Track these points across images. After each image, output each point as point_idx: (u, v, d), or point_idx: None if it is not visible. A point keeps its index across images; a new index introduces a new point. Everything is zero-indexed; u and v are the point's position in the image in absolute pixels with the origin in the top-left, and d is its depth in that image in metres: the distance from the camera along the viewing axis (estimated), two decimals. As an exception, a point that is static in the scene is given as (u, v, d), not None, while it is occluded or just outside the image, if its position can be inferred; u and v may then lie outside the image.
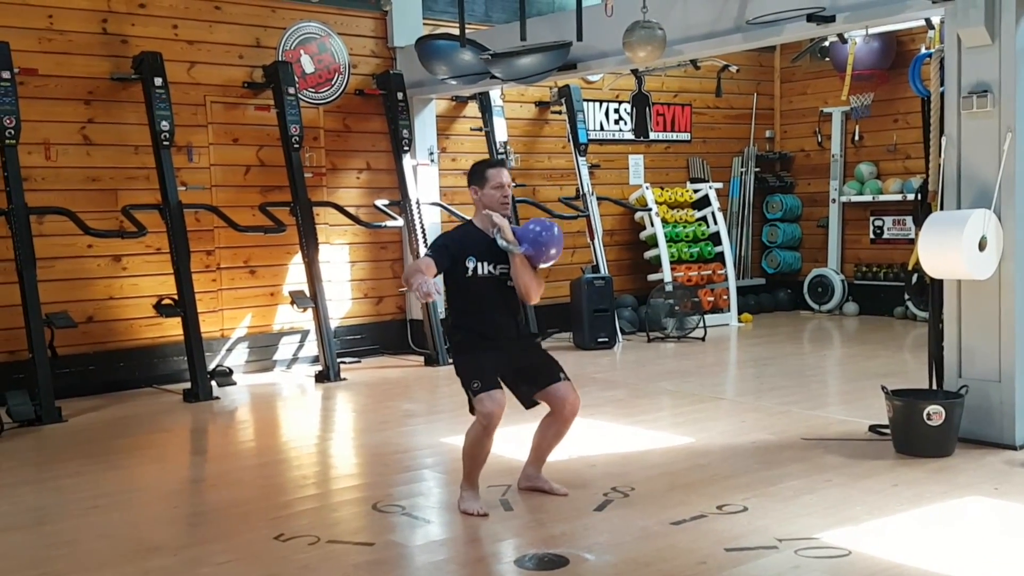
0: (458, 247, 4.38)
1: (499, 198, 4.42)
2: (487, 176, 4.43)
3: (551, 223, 4.53)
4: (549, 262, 4.49)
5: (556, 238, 4.46)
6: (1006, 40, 5.12)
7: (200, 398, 7.21)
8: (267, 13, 8.41)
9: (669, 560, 3.78)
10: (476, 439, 4.30)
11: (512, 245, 4.34)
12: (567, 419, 4.48)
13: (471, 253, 4.37)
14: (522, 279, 4.37)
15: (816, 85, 11.63)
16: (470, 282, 4.38)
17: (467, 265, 4.36)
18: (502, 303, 4.44)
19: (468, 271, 4.36)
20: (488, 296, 4.40)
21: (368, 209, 8.80)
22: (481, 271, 4.37)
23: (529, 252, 4.38)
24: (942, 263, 5.21)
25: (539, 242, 4.40)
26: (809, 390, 7.29)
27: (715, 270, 10.69)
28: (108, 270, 7.64)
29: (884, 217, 11.05)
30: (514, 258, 4.35)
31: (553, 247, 4.45)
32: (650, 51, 6.70)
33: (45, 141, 7.33)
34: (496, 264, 4.39)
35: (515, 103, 9.96)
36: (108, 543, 4.18)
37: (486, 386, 4.23)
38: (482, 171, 4.47)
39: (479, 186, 4.45)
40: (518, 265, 4.36)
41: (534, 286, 4.40)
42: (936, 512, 4.30)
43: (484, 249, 4.38)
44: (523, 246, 4.37)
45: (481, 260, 4.37)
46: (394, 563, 3.94)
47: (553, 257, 4.48)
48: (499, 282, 4.41)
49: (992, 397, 5.24)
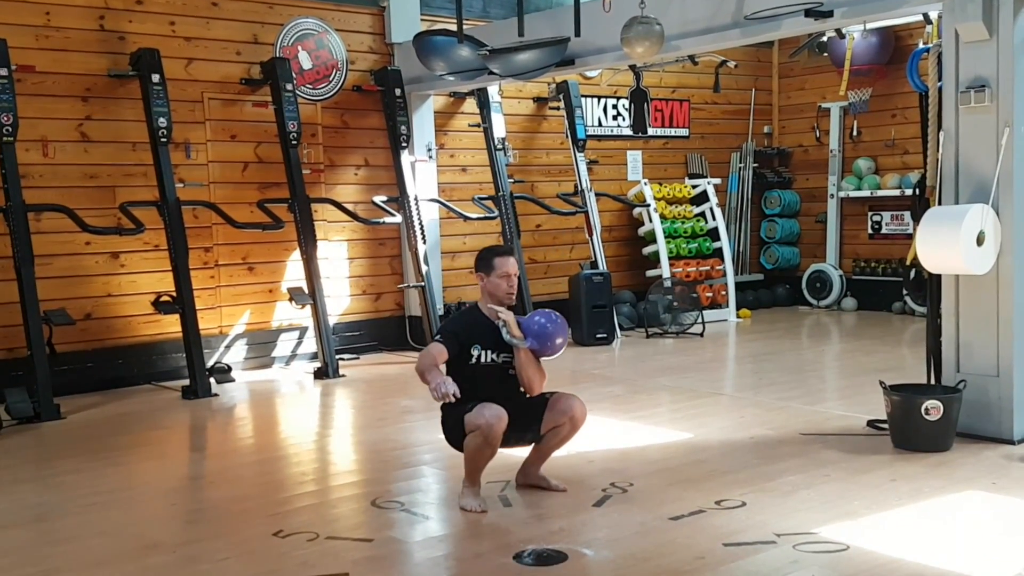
0: (466, 335, 4.39)
1: (505, 288, 4.43)
2: (494, 265, 4.44)
3: (555, 315, 4.53)
4: (554, 354, 4.49)
5: (561, 330, 4.47)
6: (1004, 35, 5.12)
7: (199, 395, 7.21)
8: (264, 9, 8.40)
9: (667, 555, 3.78)
10: (476, 447, 4.27)
11: (518, 340, 4.36)
12: (576, 425, 4.46)
13: (477, 341, 4.39)
14: (526, 372, 4.39)
15: (814, 80, 11.62)
16: (473, 369, 4.40)
17: (472, 353, 4.38)
18: (501, 390, 4.42)
19: (472, 358, 4.39)
20: (489, 383, 4.41)
21: (366, 205, 8.80)
22: (484, 359, 4.40)
23: (534, 346, 4.41)
24: (940, 258, 5.21)
25: (544, 335, 4.42)
26: (807, 385, 7.29)
27: (713, 266, 10.68)
28: (106, 267, 7.64)
29: (882, 212, 11.05)
30: (519, 352, 4.37)
31: (559, 338, 4.46)
32: (648, 47, 6.70)
33: (43, 138, 7.32)
34: (499, 353, 4.41)
35: (513, 99, 9.95)
36: (107, 540, 4.18)
37: (478, 403, 4.21)
38: (490, 259, 4.48)
39: (486, 273, 4.45)
40: (523, 359, 4.38)
41: (537, 379, 4.43)
42: (934, 507, 4.30)
43: (489, 337, 4.40)
44: (528, 340, 4.38)
45: (486, 349, 4.39)
46: (393, 559, 3.94)
47: (558, 348, 4.48)
48: (501, 370, 4.44)
49: (990, 392, 5.25)
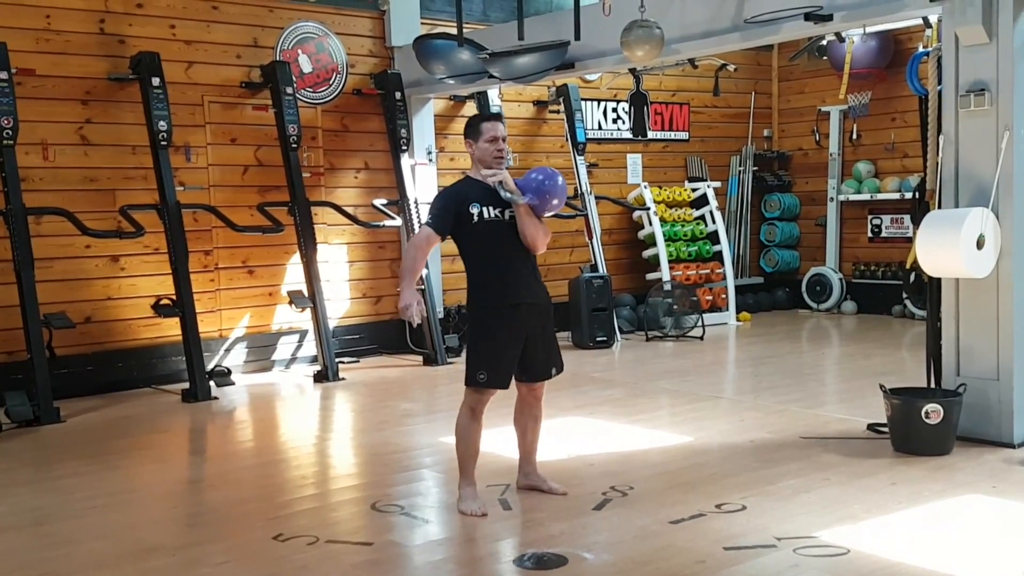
0: (458, 199, 4.37)
1: (493, 151, 4.40)
2: (481, 130, 4.42)
3: (553, 171, 4.51)
4: (553, 211, 4.49)
5: (559, 187, 4.45)
6: (1003, 38, 5.12)
7: (198, 398, 7.20)
8: (265, 13, 8.40)
9: (668, 559, 3.78)
10: (465, 426, 4.36)
11: (516, 195, 4.33)
12: (536, 400, 4.55)
13: (474, 200, 4.35)
14: (528, 229, 4.35)
15: (814, 84, 11.63)
16: (478, 230, 4.34)
17: (471, 211, 4.33)
18: (516, 250, 4.39)
19: (473, 217, 4.33)
20: (500, 242, 4.36)
21: (366, 209, 8.81)
22: (487, 215, 4.35)
23: (533, 201, 4.37)
24: (940, 261, 5.21)
25: (542, 191, 4.39)
26: (807, 389, 7.29)
27: (713, 269, 10.69)
28: (106, 270, 7.64)
29: (882, 216, 11.05)
30: (519, 208, 4.34)
31: (557, 196, 4.44)
32: (648, 50, 6.70)
33: (43, 141, 7.32)
34: (503, 209, 4.37)
35: (513, 102, 9.96)
36: (107, 543, 4.18)
37: (490, 382, 4.28)
38: (476, 125, 4.46)
39: (473, 139, 4.44)
40: (523, 215, 4.35)
41: (540, 235, 4.40)
42: (934, 510, 4.30)
43: (486, 196, 4.36)
44: (527, 196, 4.36)
45: (485, 205, 4.35)
46: (393, 563, 3.94)
47: (556, 207, 4.48)
48: (509, 227, 4.37)
49: (990, 395, 5.24)
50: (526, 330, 4.38)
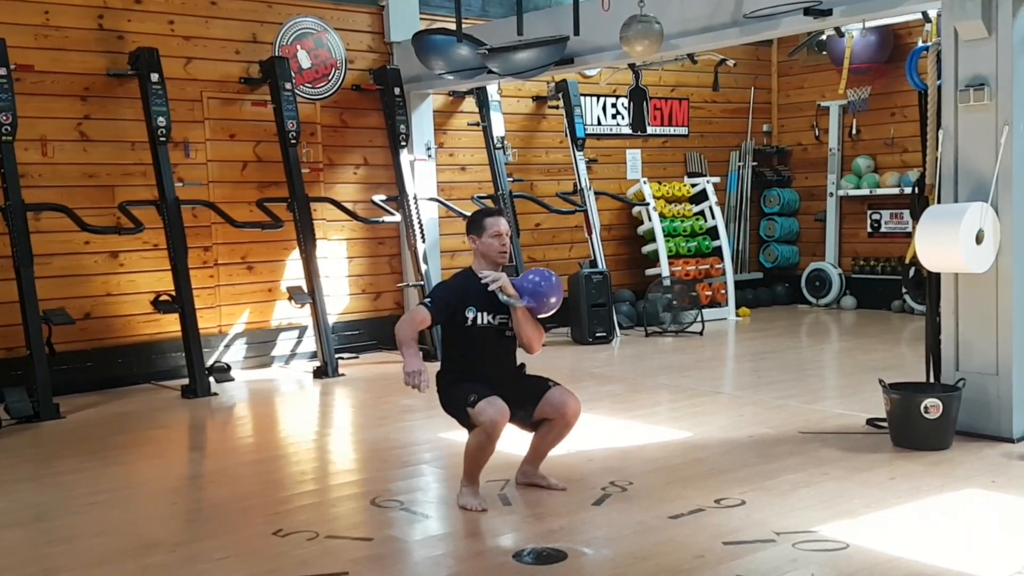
0: (458, 298, 4.38)
1: (497, 247, 4.41)
2: (485, 225, 4.43)
3: (548, 272, 4.54)
4: (550, 311, 4.49)
5: (555, 287, 4.47)
6: (1003, 33, 5.11)
7: (198, 394, 7.21)
8: (263, 8, 8.39)
9: (667, 554, 3.78)
10: (479, 445, 4.29)
11: (514, 299, 4.36)
12: (569, 422, 4.47)
13: (471, 303, 4.37)
14: (525, 332, 4.39)
15: (813, 79, 11.62)
16: (468, 331, 4.38)
17: (467, 315, 4.36)
18: (499, 352, 4.44)
19: (468, 321, 4.37)
20: (486, 345, 4.41)
21: (365, 205, 8.80)
22: (480, 321, 4.38)
23: (531, 304, 4.40)
24: (939, 256, 5.21)
25: (539, 293, 4.41)
26: (807, 384, 7.29)
27: (713, 264, 10.69)
28: (105, 266, 7.64)
29: (881, 211, 11.05)
30: (515, 311, 4.37)
31: (553, 296, 4.46)
32: (647, 45, 6.70)
33: (42, 137, 7.32)
34: (495, 314, 4.40)
35: (512, 98, 9.95)
36: (107, 539, 4.18)
37: (482, 395, 4.23)
38: (480, 220, 4.47)
39: (477, 235, 4.44)
40: (520, 318, 4.37)
41: (536, 337, 4.43)
42: (934, 505, 4.30)
43: (484, 299, 4.38)
44: (524, 299, 4.38)
45: (481, 310, 4.37)
46: (393, 558, 3.94)
47: (554, 306, 4.48)
48: (498, 332, 4.42)
49: (989, 390, 5.25)
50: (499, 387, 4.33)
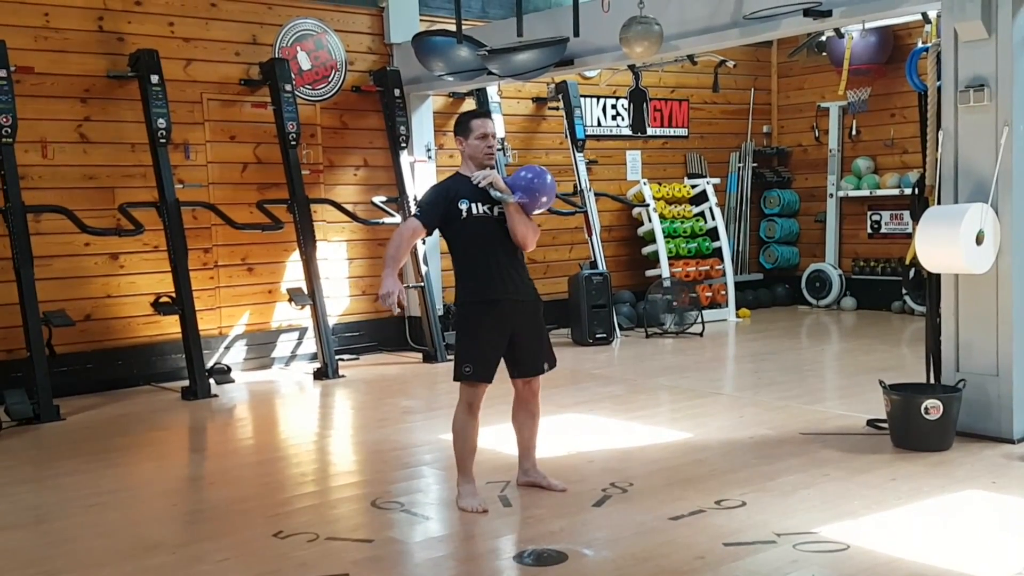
0: (447, 195, 4.39)
1: (484, 148, 4.41)
2: (471, 127, 4.43)
3: (542, 169, 4.53)
4: (542, 208, 4.50)
5: (548, 185, 4.46)
6: (1003, 34, 5.12)
7: (198, 396, 7.20)
8: (263, 10, 8.40)
9: (667, 555, 3.78)
10: (462, 422, 4.37)
11: (505, 194, 4.35)
12: (532, 396, 4.54)
13: (463, 196, 4.36)
14: (518, 227, 4.37)
15: (813, 80, 11.63)
16: (467, 225, 4.36)
17: (460, 207, 4.35)
18: (503, 247, 4.40)
19: (462, 213, 4.35)
20: (488, 239, 4.38)
21: (366, 206, 8.80)
22: (476, 211, 4.36)
23: (523, 200, 4.39)
24: (940, 257, 5.21)
25: (532, 189, 4.41)
26: (807, 385, 7.29)
27: (713, 265, 10.69)
28: (106, 268, 7.64)
29: (881, 212, 11.05)
30: (508, 207, 4.36)
31: (546, 193, 4.45)
32: (647, 46, 6.70)
33: (42, 139, 7.32)
34: (492, 206, 4.38)
35: (512, 99, 9.95)
36: (107, 541, 4.18)
37: (476, 375, 4.28)
38: (467, 122, 4.47)
39: (464, 137, 4.45)
40: (513, 214, 4.36)
41: (530, 232, 4.42)
42: (934, 506, 4.30)
43: (476, 192, 4.38)
44: (516, 194, 4.37)
45: (474, 201, 4.37)
46: (393, 560, 3.94)
47: (546, 204, 4.49)
48: (497, 224, 4.39)
49: (990, 391, 5.25)
50: (511, 326, 4.39)
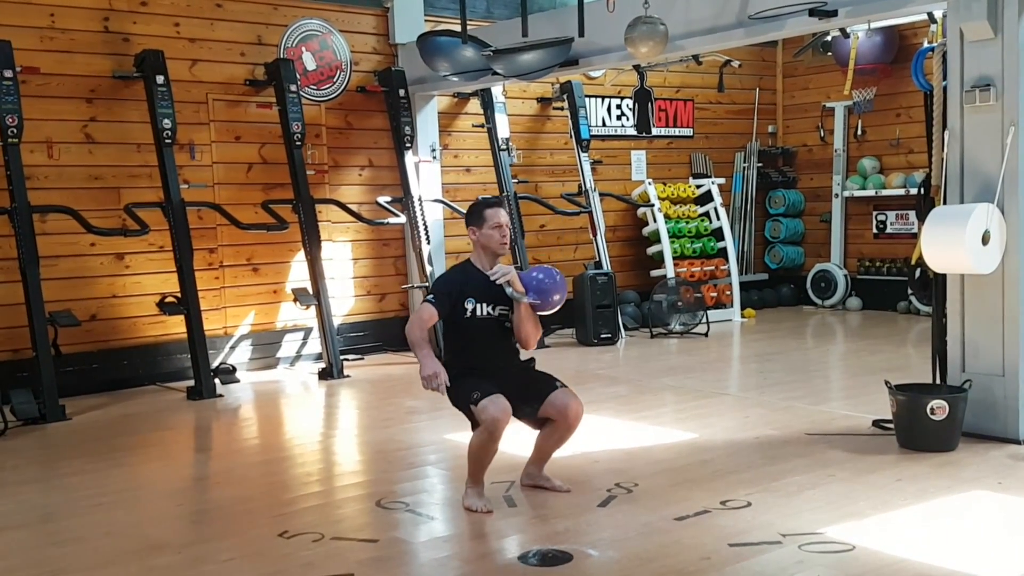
0: (457, 290, 4.39)
1: (498, 238, 4.42)
2: (485, 216, 4.43)
3: (554, 271, 4.56)
4: (553, 309, 4.51)
5: (560, 285, 4.49)
6: (1008, 34, 5.11)
7: (203, 396, 7.21)
8: (269, 10, 8.40)
9: (673, 556, 3.78)
10: (481, 444, 4.29)
11: (520, 295, 4.37)
12: (571, 425, 4.46)
13: (470, 295, 4.38)
14: (525, 327, 4.40)
15: (818, 80, 11.61)
16: (468, 323, 4.39)
17: (466, 307, 4.37)
18: (499, 343, 4.45)
19: (467, 312, 4.37)
20: (485, 336, 4.41)
21: (370, 206, 8.81)
22: (480, 312, 4.38)
23: (535, 301, 4.42)
24: (945, 257, 5.20)
25: (543, 290, 4.43)
26: (812, 385, 7.28)
27: (718, 265, 10.68)
28: (111, 268, 7.65)
29: (887, 212, 11.04)
30: (519, 306, 4.37)
31: (557, 294, 4.48)
32: (652, 47, 6.69)
33: (48, 139, 7.33)
34: (495, 305, 4.40)
35: (517, 99, 9.95)
36: (112, 541, 4.19)
37: (486, 393, 4.22)
38: (480, 211, 4.47)
39: (477, 226, 4.44)
40: (522, 313, 4.38)
41: (534, 333, 4.45)
42: (940, 507, 4.29)
43: (483, 290, 4.38)
44: (529, 295, 4.40)
45: (480, 301, 4.38)
46: (398, 559, 3.94)
47: (557, 304, 4.50)
48: (497, 323, 4.43)
49: (996, 391, 5.23)
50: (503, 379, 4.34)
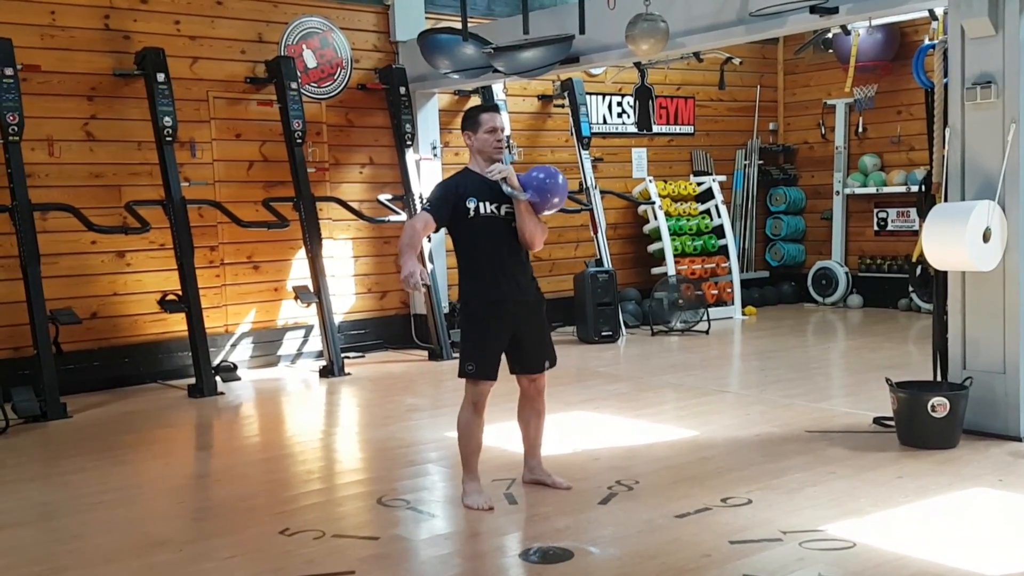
0: (456, 192, 4.37)
1: (492, 142, 4.40)
2: (480, 121, 4.43)
3: (555, 170, 4.52)
4: (553, 209, 4.49)
5: (560, 185, 4.46)
6: (1010, 31, 5.10)
7: (205, 393, 7.22)
8: (269, 8, 8.40)
9: (674, 553, 3.78)
10: (466, 421, 4.36)
11: (518, 192, 4.34)
12: (538, 394, 4.53)
13: (471, 194, 4.35)
14: (527, 226, 4.36)
15: (819, 77, 11.60)
16: (473, 224, 4.34)
17: (468, 206, 4.33)
18: (508, 246, 4.39)
19: (470, 212, 4.33)
20: (493, 237, 4.36)
21: (371, 204, 8.81)
22: (484, 211, 4.34)
23: (535, 199, 4.38)
24: (946, 255, 5.20)
25: (543, 188, 4.40)
26: (813, 383, 7.28)
27: (719, 263, 10.68)
28: (112, 266, 7.65)
29: (888, 209, 11.03)
30: (519, 204, 4.34)
31: (558, 194, 4.45)
32: (653, 44, 6.69)
33: (48, 137, 7.33)
34: (499, 204, 4.36)
35: (518, 97, 9.95)
36: (114, 538, 4.19)
37: (479, 373, 4.27)
38: (475, 116, 4.46)
39: (472, 131, 4.44)
40: (523, 212, 4.34)
41: (539, 232, 4.40)
42: (941, 504, 4.29)
43: (484, 189, 4.36)
44: (528, 192, 4.36)
45: (482, 200, 4.35)
46: (399, 557, 3.94)
47: (557, 205, 4.48)
48: (504, 223, 4.37)
49: (996, 389, 5.23)
50: (514, 325, 4.38)
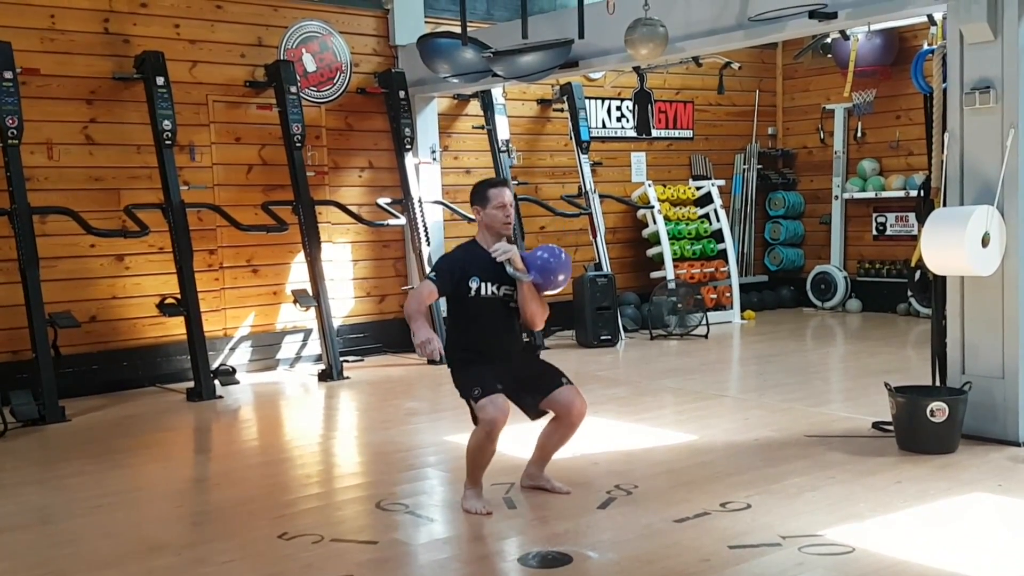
0: (461, 268, 4.37)
1: (502, 218, 4.40)
2: (489, 196, 4.42)
3: (559, 250, 4.53)
4: (556, 288, 4.49)
5: (564, 265, 4.47)
6: (1008, 36, 5.11)
7: (203, 397, 7.21)
8: (269, 12, 8.41)
9: (672, 558, 3.78)
10: (479, 444, 4.29)
11: (522, 274, 4.35)
12: (573, 423, 4.46)
13: (475, 273, 4.36)
14: (530, 307, 4.38)
15: (818, 82, 11.62)
16: (472, 302, 4.37)
17: (470, 285, 4.35)
18: (504, 324, 4.43)
19: (471, 291, 4.35)
20: (490, 316, 4.39)
21: (370, 208, 8.81)
22: (484, 291, 4.36)
23: (538, 280, 4.40)
24: (945, 259, 5.20)
25: (547, 269, 4.42)
26: (812, 387, 7.28)
27: (718, 267, 10.68)
28: (111, 269, 7.65)
29: (887, 214, 11.04)
30: (522, 285, 4.36)
31: (561, 274, 4.46)
32: (652, 48, 6.69)
33: (48, 141, 7.34)
34: (500, 285, 4.38)
35: (517, 101, 9.95)
36: (112, 542, 4.19)
37: (487, 391, 4.21)
38: (484, 191, 4.46)
39: (481, 206, 4.43)
40: (525, 293, 4.36)
41: (540, 313, 4.42)
42: (940, 509, 4.29)
43: (488, 269, 4.37)
44: (531, 274, 4.38)
45: (485, 280, 4.36)
46: (398, 561, 3.94)
47: (561, 284, 4.49)
48: (502, 303, 4.41)
49: (995, 393, 5.23)
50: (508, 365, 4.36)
